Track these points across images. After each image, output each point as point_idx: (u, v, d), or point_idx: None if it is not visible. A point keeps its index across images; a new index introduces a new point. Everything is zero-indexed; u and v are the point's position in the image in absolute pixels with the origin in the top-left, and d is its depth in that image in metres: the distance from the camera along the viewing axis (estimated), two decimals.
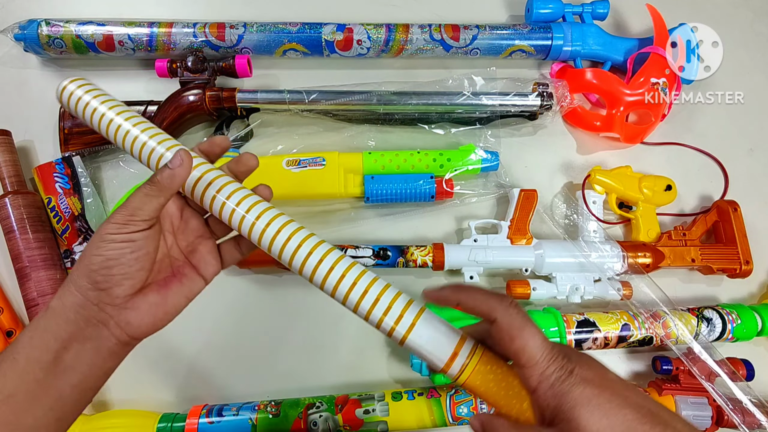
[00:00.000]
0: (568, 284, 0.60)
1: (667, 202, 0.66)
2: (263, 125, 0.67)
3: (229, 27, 0.65)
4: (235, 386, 0.61)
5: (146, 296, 0.32)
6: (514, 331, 0.29)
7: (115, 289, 0.30)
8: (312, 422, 0.54)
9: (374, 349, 0.63)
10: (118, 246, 0.30)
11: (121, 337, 0.31)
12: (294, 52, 0.67)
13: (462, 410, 0.55)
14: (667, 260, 0.63)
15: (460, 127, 0.68)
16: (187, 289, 0.34)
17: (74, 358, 0.30)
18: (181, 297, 0.34)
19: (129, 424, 0.55)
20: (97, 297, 0.30)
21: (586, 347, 0.57)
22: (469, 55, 0.69)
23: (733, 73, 0.73)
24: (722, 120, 0.73)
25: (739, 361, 0.58)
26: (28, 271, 0.58)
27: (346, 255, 0.35)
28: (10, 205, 0.59)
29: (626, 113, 0.68)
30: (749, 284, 0.67)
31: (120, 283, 0.30)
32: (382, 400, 0.56)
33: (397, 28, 0.67)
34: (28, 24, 0.64)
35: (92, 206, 0.63)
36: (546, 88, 0.65)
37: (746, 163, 0.71)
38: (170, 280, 0.34)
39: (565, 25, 0.69)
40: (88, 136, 0.64)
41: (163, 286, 0.33)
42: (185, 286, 0.34)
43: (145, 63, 0.69)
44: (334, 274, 0.33)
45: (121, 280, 0.30)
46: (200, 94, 0.63)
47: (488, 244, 0.61)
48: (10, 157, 0.62)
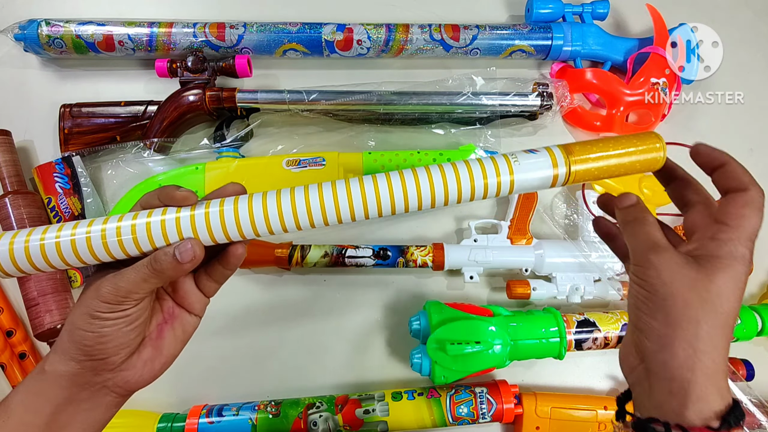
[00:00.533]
0: (568, 284, 0.60)
1: (667, 202, 0.66)
2: (263, 125, 0.67)
3: (229, 27, 0.65)
4: (235, 386, 0.61)
5: (141, 354, 0.31)
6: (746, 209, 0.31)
7: (112, 358, 0.30)
8: (312, 422, 0.54)
9: (374, 349, 0.63)
10: (112, 323, 0.29)
11: (119, 392, 0.31)
12: (294, 52, 0.67)
13: (462, 410, 0.55)
14: None
15: (460, 127, 0.68)
16: (180, 331, 0.34)
17: (69, 417, 0.29)
18: (176, 342, 0.33)
19: (129, 424, 0.55)
20: (93, 366, 0.29)
21: (586, 347, 0.57)
22: (469, 55, 0.69)
23: (733, 73, 0.73)
24: (722, 120, 0.73)
25: (739, 361, 0.58)
26: None
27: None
28: (10, 205, 0.59)
29: (626, 113, 0.68)
30: (749, 284, 0.66)
31: (117, 352, 0.30)
32: (382, 400, 0.56)
33: (397, 28, 0.67)
34: (28, 24, 0.64)
35: (92, 206, 0.63)
36: (546, 88, 0.65)
37: (746, 163, 0.70)
38: (162, 327, 0.33)
39: (565, 25, 0.69)
40: (88, 136, 0.64)
41: (157, 338, 0.33)
42: (178, 329, 0.33)
43: (145, 63, 0.69)
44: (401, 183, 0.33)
45: (117, 350, 0.29)
46: (200, 94, 0.63)
47: (488, 244, 0.61)
48: (10, 157, 0.62)
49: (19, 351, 0.60)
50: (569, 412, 0.56)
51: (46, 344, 0.60)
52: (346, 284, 0.64)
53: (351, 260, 0.60)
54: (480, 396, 0.56)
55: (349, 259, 0.60)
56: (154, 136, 0.63)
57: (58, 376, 0.29)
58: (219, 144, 0.65)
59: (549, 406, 0.56)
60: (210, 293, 0.35)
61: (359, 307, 0.64)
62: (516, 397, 0.57)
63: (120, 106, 0.64)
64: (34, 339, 0.60)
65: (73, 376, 0.29)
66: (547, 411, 0.56)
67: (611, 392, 0.63)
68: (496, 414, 0.55)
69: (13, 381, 0.59)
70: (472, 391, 0.56)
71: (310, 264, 0.60)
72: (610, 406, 0.57)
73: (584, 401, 0.57)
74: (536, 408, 0.56)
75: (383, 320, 0.63)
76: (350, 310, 0.64)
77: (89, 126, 0.64)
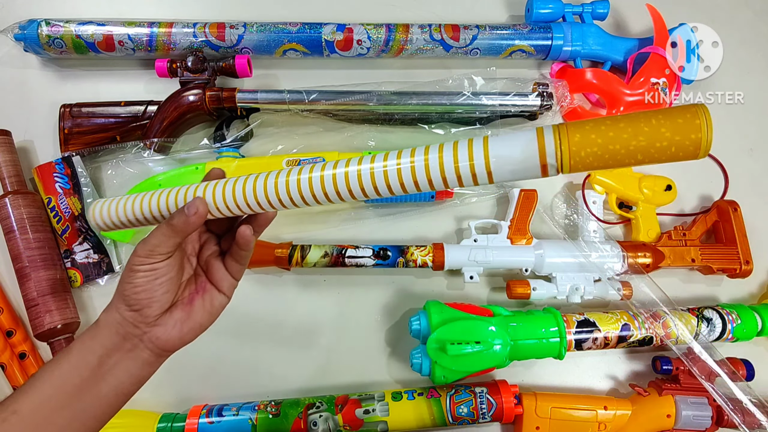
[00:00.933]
0: (568, 284, 0.60)
1: (667, 202, 0.66)
2: (263, 125, 0.67)
3: (229, 27, 0.65)
4: (235, 386, 0.61)
5: (172, 314, 0.36)
6: None
7: (146, 310, 0.35)
8: (312, 422, 0.54)
9: (374, 349, 0.63)
10: (144, 275, 0.34)
11: (153, 350, 0.36)
12: (294, 52, 0.67)
13: (462, 410, 0.55)
14: (667, 260, 0.63)
15: (460, 127, 0.68)
16: (209, 304, 0.38)
17: (114, 364, 0.34)
18: (204, 313, 0.38)
19: (129, 424, 0.55)
20: (132, 317, 0.35)
21: (586, 347, 0.57)
22: (469, 55, 0.69)
23: (733, 73, 0.73)
24: (722, 120, 0.73)
25: (739, 361, 0.58)
26: (28, 271, 0.58)
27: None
28: (10, 205, 0.59)
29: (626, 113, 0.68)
30: (749, 284, 0.67)
31: (149, 305, 0.35)
32: (382, 400, 0.56)
33: (397, 28, 0.67)
34: (28, 24, 0.64)
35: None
36: (546, 88, 0.65)
37: (746, 163, 0.71)
38: (194, 296, 0.38)
39: (565, 25, 0.69)
40: (88, 136, 0.64)
41: (187, 304, 0.37)
42: (207, 302, 0.38)
43: (145, 63, 0.69)
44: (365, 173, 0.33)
45: (150, 303, 0.35)
46: (200, 94, 0.63)
47: (488, 244, 0.61)
48: (10, 157, 0.62)
49: (19, 351, 0.60)
50: (569, 412, 0.56)
51: (46, 344, 0.60)
52: (346, 284, 0.64)
53: (351, 260, 0.60)
54: (480, 396, 0.56)
55: (349, 259, 0.60)
56: (154, 136, 0.63)
57: (108, 324, 0.35)
58: (219, 144, 0.65)
59: (549, 406, 0.56)
60: (236, 275, 0.39)
61: (359, 307, 0.64)
62: (516, 397, 0.56)
63: (120, 106, 0.64)
64: (34, 339, 0.60)
65: (119, 326, 0.35)
66: (547, 411, 0.56)
67: (611, 392, 0.63)
68: (496, 414, 0.55)
69: (13, 381, 0.59)
70: (472, 391, 0.56)
71: (310, 264, 0.60)
72: (610, 406, 0.57)
73: (584, 401, 0.57)
74: (536, 408, 0.56)
75: (383, 320, 0.63)
76: (350, 310, 0.64)
77: (89, 126, 0.64)
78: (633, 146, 0.27)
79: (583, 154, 0.28)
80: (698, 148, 0.27)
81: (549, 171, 0.29)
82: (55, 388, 0.33)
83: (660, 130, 0.27)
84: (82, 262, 0.62)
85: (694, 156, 0.27)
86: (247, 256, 0.39)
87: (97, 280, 0.63)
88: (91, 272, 0.62)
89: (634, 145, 0.27)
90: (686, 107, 0.27)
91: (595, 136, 0.28)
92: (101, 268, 0.62)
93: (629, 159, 0.28)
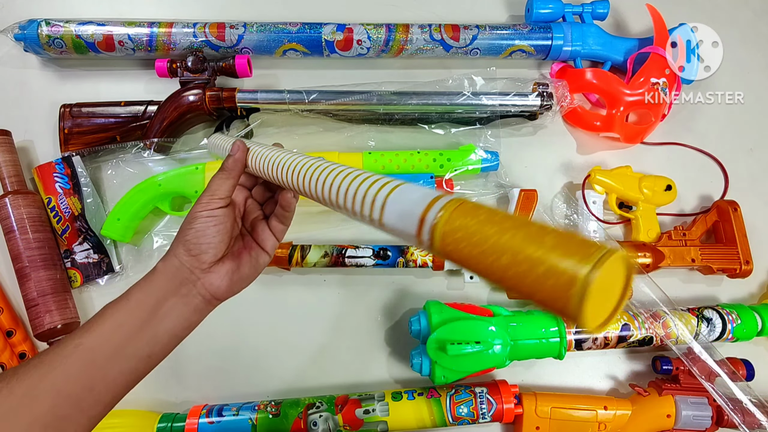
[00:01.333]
0: None
1: (667, 202, 0.66)
2: (263, 125, 0.67)
3: (229, 27, 0.65)
4: (235, 386, 0.61)
5: (224, 264, 0.39)
6: None
7: (203, 255, 0.38)
8: (312, 422, 0.54)
9: (374, 349, 0.63)
10: (204, 220, 0.38)
11: (205, 296, 0.38)
12: (294, 52, 0.67)
13: (462, 410, 0.55)
14: (667, 260, 0.63)
15: (460, 127, 0.68)
16: (255, 260, 0.42)
17: (170, 307, 0.37)
18: (250, 267, 0.41)
19: (129, 424, 0.55)
20: (190, 262, 0.38)
21: (586, 347, 0.57)
22: (469, 55, 0.69)
23: (733, 73, 0.73)
24: (722, 120, 0.73)
25: (739, 361, 0.58)
26: (28, 271, 0.58)
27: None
28: (10, 205, 0.59)
29: (626, 113, 0.68)
30: (749, 284, 0.67)
31: (206, 251, 0.38)
32: (382, 400, 0.55)
33: (397, 28, 0.67)
34: (28, 24, 0.64)
35: (92, 206, 0.63)
36: (546, 88, 0.65)
37: (746, 163, 0.71)
38: (242, 251, 0.42)
39: (565, 25, 0.69)
40: (88, 136, 0.64)
41: (237, 257, 0.41)
42: (253, 258, 0.42)
43: (145, 63, 0.69)
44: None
45: (207, 249, 0.38)
46: (200, 94, 0.63)
47: None
48: (10, 157, 0.62)
49: (19, 351, 0.60)
50: (569, 412, 0.56)
51: (46, 344, 0.60)
52: (346, 284, 0.64)
53: (351, 260, 0.60)
54: (480, 396, 0.56)
55: (349, 259, 0.60)
56: (154, 136, 0.63)
57: (166, 271, 0.38)
58: None
59: (549, 406, 0.56)
60: (279, 235, 0.44)
61: (359, 307, 0.64)
62: (516, 397, 0.56)
63: (120, 106, 0.64)
64: (34, 339, 0.60)
65: (177, 271, 0.38)
66: (547, 411, 0.56)
67: (611, 392, 0.63)
68: (496, 414, 0.55)
69: None
70: (472, 391, 0.56)
71: (310, 264, 0.60)
72: (610, 406, 0.57)
73: (584, 401, 0.57)
74: (536, 408, 0.56)
75: (383, 320, 0.63)
76: (350, 310, 0.64)
77: (89, 126, 0.64)
78: (503, 263, 0.21)
79: (454, 238, 0.24)
80: (567, 313, 0.20)
81: (423, 236, 0.26)
82: (115, 328, 0.35)
83: (537, 267, 0.20)
84: (82, 262, 0.62)
85: (570, 318, 0.20)
86: (290, 216, 0.43)
87: (97, 280, 0.63)
88: (91, 272, 0.62)
89: (505, 263, 0.21)
90: (584, 259, 0.19)
91: (473, 229, 0.23)
92: (101, 268, 0.62)
93: (497, 271, 0.22)
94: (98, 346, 0.34)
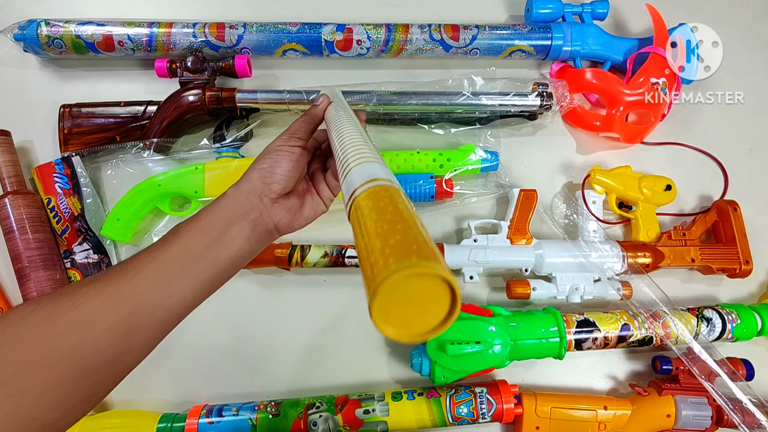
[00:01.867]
0: (568, 284, 0.60)
1: (666, 202, 0.66)
2: (263, 125, 0.67)
3: (229, 27, 0.65)
4: (235, 386, 0.61)
5: (289, 199, 0.43)
6: None
7: (274, 185, 0.41)
8: (312, 422, 0.54)
9: (374, 349, 0.63)
10: (282, 154, 0.42)
11: (268, 225, 0.41)
12: (294, 52, 0.67)
13: (462, 410, 0.55)
14: (667, 260, 0.63)
15: (460, 127, 0.68)
16: (315, 204, 0.45)
17: (237, 231, 0.39)
18: (310, 210, 0.45)
19: (129, 424, 0.55)
20: (261, 189, 0.41)
21: (585, 347, 0.57)
22: (468, 55, 0.69)
23: (733, 73, 0.73)
24: (722, 120, 0.73)
25: (739, 361, 0.58)
26: (28, 271, 0.58)
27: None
28: (9, 205, 0.59)
29: (626, 113, 0.68)
30: (749, 284, 0.67)
31: (278, 181, 0.41)
32: (382, 400, 0.55)
33: (397, 28, 0.67)
34: (27, 24, 0.64)
35: (92, 206, 0.62)
36: (546, 88, 0.65)
37: (746, 163, 0.71)
38: (305, 193, 0.45)
39: (565, 25, 0.69)
40: (87, 137, 0.64)
41: (301, 197, 0.44)
42: (314, 202, 0.45)
43: (144, 63, 0.69)
44: None
45: (279, 179, 0.41)
46: (200, 94, 0.63)
47: (488, 244, 0.61)
48: (9, 157, 0.62)
49: None
50: (569, 412, 0.56)
51: None
52: (346, 284, 0.64)
53: (351, 260, 0.60)
54: (480, 396, 0.56)
55: (349, 259, 0.60)
56: (154, 136, 0.63)
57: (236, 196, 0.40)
58: (219, 144, 0.65)
59: (549, 406, 0.56)
60: (334, 190, 0.46)
61: (359, 307, 0.64)
62: (516, 397, 0.56)
63: (120, 107, 0.64)
64: None
65: (248, 195, 0.41)
66: (547, 411, 0.56)
67: (611, 392, 0.63)
68: (496, 414, 0.55)
69: None
70: (472, 391, 0.56)
71: (310, 264, 0.60)
72: (610, 406, 0.56)
73: (584, 401, 0.57)
74: (536, 408, 0.56)
75: None
76: (350, 310, 0.64)
77: (89, 126, 0.64)
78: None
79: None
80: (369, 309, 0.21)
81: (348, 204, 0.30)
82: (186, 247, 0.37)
83: (371, 257, 0.22)
84: (82, 262, 0.62)
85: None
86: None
87: None
88: (91, 272, 0.62)
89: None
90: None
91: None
92: (101, 268, 0.62)
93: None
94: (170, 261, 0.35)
